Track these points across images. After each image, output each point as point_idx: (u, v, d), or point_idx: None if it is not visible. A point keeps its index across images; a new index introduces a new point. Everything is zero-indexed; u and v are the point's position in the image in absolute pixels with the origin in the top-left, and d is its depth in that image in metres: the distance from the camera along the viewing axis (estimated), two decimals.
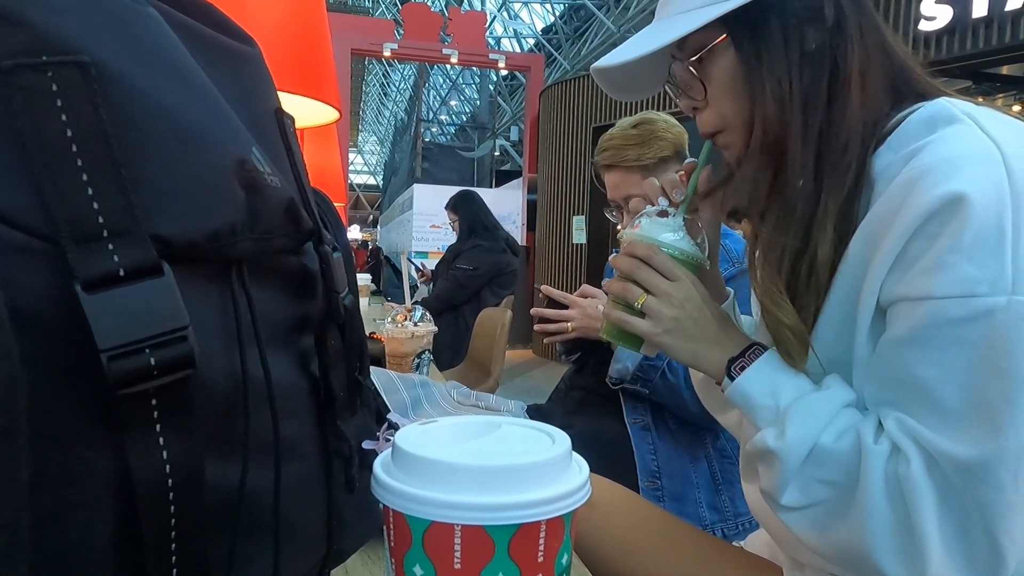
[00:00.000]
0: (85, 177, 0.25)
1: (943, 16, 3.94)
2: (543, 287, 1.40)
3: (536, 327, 1.38)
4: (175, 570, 0.27)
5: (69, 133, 0.25)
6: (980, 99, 0.61)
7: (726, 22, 0.62)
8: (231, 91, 0.33)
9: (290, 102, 1.04)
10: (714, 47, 0.64)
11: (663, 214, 0.74)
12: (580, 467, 0.32)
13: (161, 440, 0.26)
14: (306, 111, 1.09)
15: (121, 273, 0.25)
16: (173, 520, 0.27)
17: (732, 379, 0.63)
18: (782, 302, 0.60)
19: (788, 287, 0.61)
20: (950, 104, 0.58)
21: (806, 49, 0.62)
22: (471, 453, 0.29)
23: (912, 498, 0.51)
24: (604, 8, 10.47)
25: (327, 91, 1.00)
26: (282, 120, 0.38)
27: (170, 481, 0.27)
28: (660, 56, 0.68)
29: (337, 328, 0.41)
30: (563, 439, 0.32)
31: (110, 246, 0.25)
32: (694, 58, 0.66)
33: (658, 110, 1.49)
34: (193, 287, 0.29)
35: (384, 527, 0.31)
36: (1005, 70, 4.68)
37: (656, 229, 0.72)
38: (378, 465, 0.31)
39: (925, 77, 0.65)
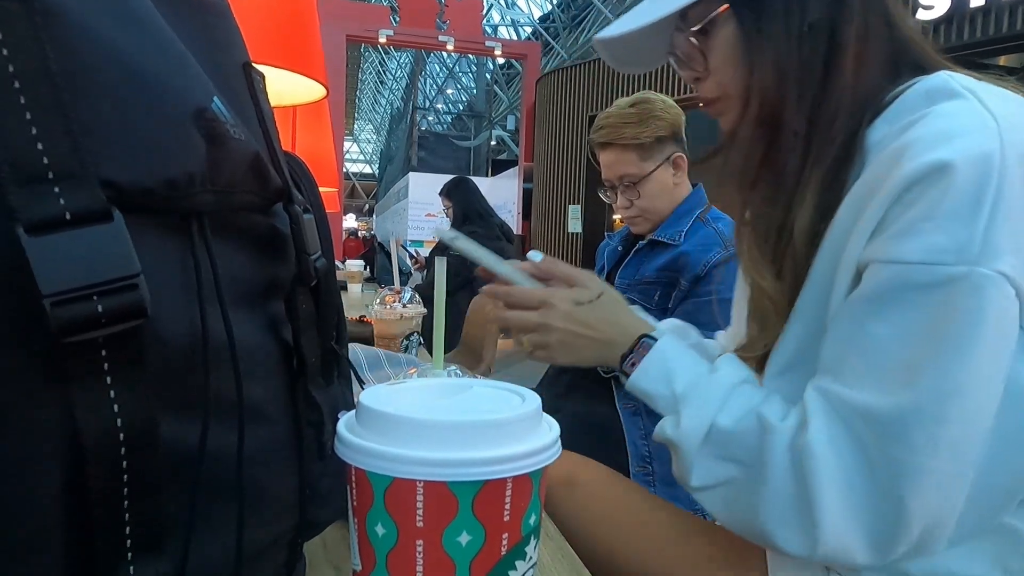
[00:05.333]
0: (29, 116, 0.24)
1: (941, 5, 3.92)
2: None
3: None
4: (128, 528, 0.26)
5: (11, 69, 0.24)
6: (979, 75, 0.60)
7: None
8: (193, 39, 0.32)
9: (276, 78, 1.03)
10: (715, 17, 0.64)
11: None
12: (550, 426, 0.31)
13: (112, 393, 0.25)
14: (293, 88, 1.07)
15: (67, 217, 0.24)
16: (125, 477, 0.26)
17: (627, 375, 0.64)
18: (767, 273, 0.61)
19: (773, 259, 0.61)
20: (950, 78, 0.57)
21: (806, 20, 0.61)
22: (437, 410, 0.29)
23: (809, 462, 0.52)
24: None
25: (313, 67, 0.98)
26: (251, 75, 0.37)
27: (122, 436, 0.26)
28: (664, 27, 0.68)
29: (309, 292, 0.40)
30: (533, 398, 0.31)
31: (56, 189, 0.24)
32: (696, 28, 0.65)
33: (658, 91, 1.48)
34: (149, 237, 0.28)
35: (347, 487, 0.30)
36: (1002, 60, 4.67)
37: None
38: (342, 425, 0.30)
39: (929, 51, 0.64)
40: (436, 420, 0.27)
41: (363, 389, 0.46)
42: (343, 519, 0.40)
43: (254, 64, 0.39)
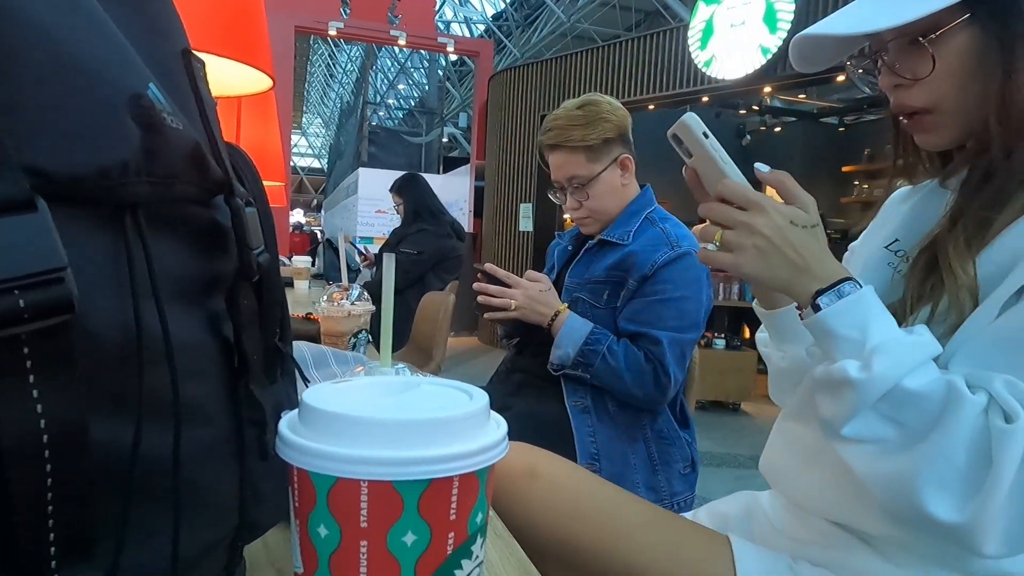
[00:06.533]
0: None
1: None
2: (487, 265, 1.39)
3: (479, 299, 1.36)
4: (52, 534, 0.25)
5: None
6: None
7: (967, 2, 0.63)
8: (128, 23, 0.30)
9: (220, 67, 1.00)
10: (951, 27, 0.64)
11: None
12: (498, 424, 0.31)
13: (35, 393, 0.24)
14: (237, 77, 1.04)
15: None
16: (50, 481, 0.25)
17: (817, 310, 0.62)
18: (970, 269, 0.62)
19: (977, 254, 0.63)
20: None
21: None
22: (383, 409, 0.28)
23: (1003, 451, 0.53)
24: None
25: (259, 57, 0.96)
26: (190, 63, 0.36)
27: (46, 438, 0.24)
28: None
29: (251, 287, 0.39)
30: (481, 396, 0.31)
31: None
32: (935, 36, 0.65)
33: (605, 93, 1.50)
34: (78, 229, 0.26)
35: (289, 488, 0.29)
36: None
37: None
38: (284, 424, 0.29)
39: None
40: (381, 418, 0.26)
41: (308, 387, 0.45)
42: (286, 520, 0.39)
43: (195, 52, 0.37)
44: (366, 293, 1.36)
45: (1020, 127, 0.63)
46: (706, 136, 0.68)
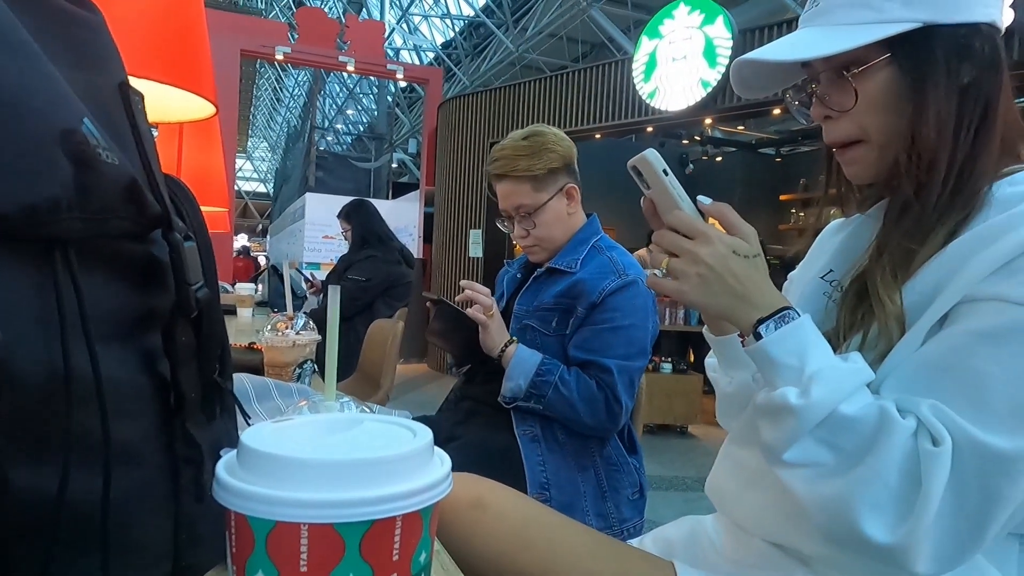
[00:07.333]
0: None
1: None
2: (464, 281, 1.40)
3: (467, 293, 1.37)
4: None
5: None
6: None
7: (888, 43, 0.66)
8: (62, 57, 0.30)
9: (161, 94, 0.98)
10: (873, 64, 0.68)
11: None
12: (442, 461, 0.30)
13: None
14: (179, 104, 1.02)
15: None
16: None
17: (758, 338, 0.64)
18: (897, 298, 0.64)
19: (902, 284, 0.66)
20: None
21: (962, 81, 0.66)
22: (324, 449, 0.28)
23: (932, 473, 0.55)
24: (503, 27, 10.66)
25: (201, 84, 0.94)
26: (128, 95, 0.35)
27: None
28: (794, 63, 0.73)
29: (189, 323, 0.38)
30: (425, 433, 0.30)
31: None
32: (858, 70, 0.69)
33: (551, 124, 1.53)
34: (4, 267, 0.26)
35: (227, 533, 0.28)
36: None
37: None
38: (221, 467, 0.29)
39: None
40: (321, 459, 0.26)
41: (249, 425, 0.44)
42: (225, 562, 0.37)
43: (135, 80, 0.37)
44: (311, 322, 1.33)
45: (928, 163, 0.68)
46: (666, 173, 0.72)
